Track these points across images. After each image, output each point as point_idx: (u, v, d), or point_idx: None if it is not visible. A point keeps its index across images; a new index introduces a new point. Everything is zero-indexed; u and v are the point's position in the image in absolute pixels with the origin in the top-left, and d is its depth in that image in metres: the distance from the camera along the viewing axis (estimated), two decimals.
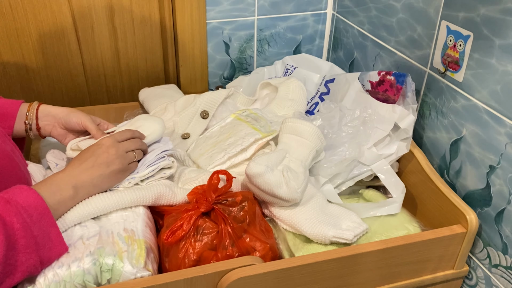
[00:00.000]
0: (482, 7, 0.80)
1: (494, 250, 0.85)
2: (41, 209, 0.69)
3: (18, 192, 0.69)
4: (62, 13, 1.15)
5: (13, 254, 0.65)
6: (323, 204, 0.86)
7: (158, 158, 0.86)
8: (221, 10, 1.21)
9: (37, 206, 0.69)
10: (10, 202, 0.67)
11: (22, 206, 0.67)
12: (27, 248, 0.66)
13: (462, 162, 0.90)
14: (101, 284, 0.70)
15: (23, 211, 0.67)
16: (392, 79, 0.98)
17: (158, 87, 1.21)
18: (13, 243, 0.65)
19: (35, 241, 0.67)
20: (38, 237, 0.67)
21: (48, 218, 0.70)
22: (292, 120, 0.91)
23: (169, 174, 0.87)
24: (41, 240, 0.68)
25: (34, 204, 0.69)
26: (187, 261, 0.75)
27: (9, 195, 0.68)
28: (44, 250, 0.68)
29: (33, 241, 0.66)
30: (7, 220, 0.65)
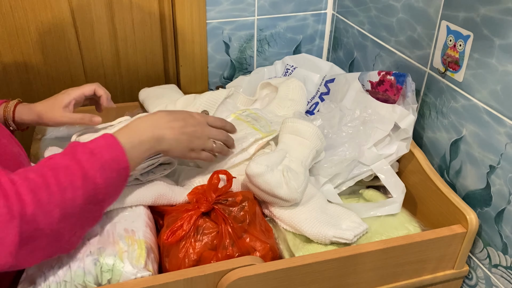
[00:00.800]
0: (482, 7, 0.80)
1: (494, 250, 0.85)
2: (122, 166, 0.70)
3: (104, 145, 0.69)
4: (62, 13, 1.15)
5: (90, 207, 0.67)
6: (323, 204, 0.86)
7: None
8: (221, 10, 1.21)
9: (120, 161, 0.70)
10: (95, 155, 0.67)
11: (107, 160, 0.68)
12: (104, 202, 0.69)
13: (462, 162, 0.90)
14: (102, 284, 0.70)
15: (107, 166, 0.68)
16: (392, 79, 0.98)
17: (158, 87, 1.21)
18: (92, 197, 0.66)
19: (110, 196, 0.70)
20: (114, 192, 0.71)
21: (126, 174, 0.71)
22: (293, 120, 0.91)
23: (170, 170, 0.87)
24: (115, 195, 0.71)
25: (117, 158, 0.70)
26: (187, 261, 0.75)
27: (94, 145, 0.69)
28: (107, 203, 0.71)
29: (107, 195, 0.69)
30: (90, 174, 0.66)
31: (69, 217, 0.64)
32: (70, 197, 0.63)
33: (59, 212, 0.62)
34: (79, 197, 0.64)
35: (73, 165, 0.65)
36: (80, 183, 0.65)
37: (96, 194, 0.67)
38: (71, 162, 0.66)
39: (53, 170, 0.64)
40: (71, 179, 0.64)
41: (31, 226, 0.60)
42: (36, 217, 0.60)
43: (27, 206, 0.60)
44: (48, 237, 0.63)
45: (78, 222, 0.66)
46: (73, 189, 0.64)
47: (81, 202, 0.65)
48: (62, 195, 0.63)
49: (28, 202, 0.60)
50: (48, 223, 0.62)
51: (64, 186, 0.63)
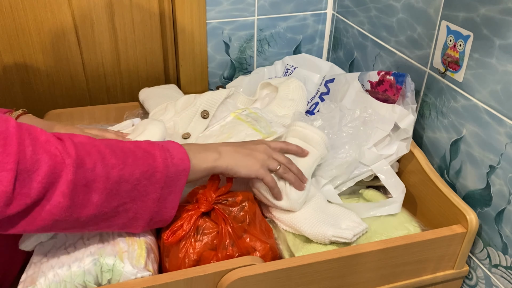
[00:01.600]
0: (482, 7, 0.80)
1: (494, 250, 0.85)
2: (181, 156, 0.72)
3: (172, 144, 0.74)
4: (62, 13, 1.15)
5: (146, 183, 0.68)
6: (322, 204, 0.86)
7: None
8: (221, 10, 1.21)
9: (179, 151, 0.73)
10: (154, 144, 0.72)
11: (166, 147, 0.72)
12: (158, 184, 0.70)
13: (462, 162, 0.90)
14: (102, 284, 0.70)
15: (166, 150, 0.71)
16: (392, 79, 0.98)
17: (158, 87, 1.21)
18: (150, 173, 0.68)
19: (166, 182, 0.70)
20: (169, 178, 0.71)
21: (183, 168, 0.72)
22: (302, 125, 0.90)
23: None
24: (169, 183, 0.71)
25: (177, 148, 0.73)
26: (187, 261, 0.75)
27: (162, 141, 0.74)
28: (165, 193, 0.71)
29: (164, 180, 0.70)
30: (151, 152, 0.70)
31: (125, 182, 0.66)
32: (130, 162, 0.67)
33: (118, 173, 0.65)
34: (139, 166, 0.68)
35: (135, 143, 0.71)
36: (141, 155, 0.69)
37: (155, 172, 0.69)
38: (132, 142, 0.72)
39: (117, 142, 0.70)
40: (133, 150, 0.69)
41: (89, 175, 0.63)
42: (96, 167, 0.63)
43: (91, 155, 0.64)
44: (100, 193, 0.64)
45: (132, 193, 0.68)
46: (134, 157, 0.68)
47: (139, 172, 0.67)
48: (123, 158, 0.67)
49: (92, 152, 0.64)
50: (105, 177, 0.64)
51: (126, 153, 0.68)
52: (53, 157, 0.60)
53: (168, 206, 0.73)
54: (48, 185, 0.59)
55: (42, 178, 0.59)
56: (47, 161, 0.59)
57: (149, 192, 0.69)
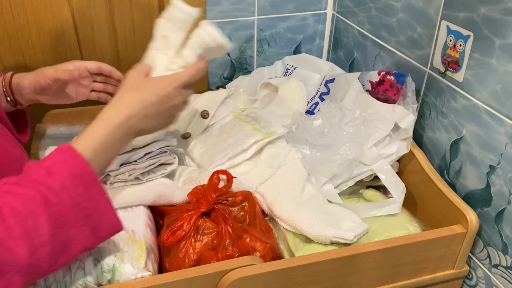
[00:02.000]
0: (482, 7, 0.80)
1: (494, 250, 0.85)
2: (88, 177, 0.62)
3: (62, 160, 0.62)
4: (62, 13, 1.15)
5: (63, 231, 0.59)
6: (323, 204, 0.86)
7: (160, 152, 0.86)
8: (221, 10, 1.21)
9: (84, 174, 0.62)
10: (53, 174, 0.60)
11: (67, 176, 0.60)
12: (77, 223, 0.61)
13: (462, 162, 0.90)
14: (102, 285, 0.70)
15: (68, 182, 0.60)
16: (392, 79, 0.98)
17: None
18: (61, 220, 0.59)
19: (85, 213, 0.61)
20: (87, 208, 0.62)
21: (96, 185, 0.63)
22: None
23: (170, 171, 0.87)
24: (90, 211, 0.62)
25: (80, 172, 0.61)
26: (187, 261, 0.76)
27: (51, 163, 0.61)
28: (94, 221, 0.63)
29: (82, 213, 0.61)
30: (51, 198, 0.59)
31: (42, 247, 0.58)
32: (32, 227, 0.57)
33: (26, 246, 0.56)
34: (44, 223, 0.58)
35: (29, 191, 0.59)
36: (42, 210, 0.58)
37: (65, 216, 0.60)
38: (27, 188, 0.59)
39: (8, 201, 0.58)
40: (30, 207, 0.58)
41: None
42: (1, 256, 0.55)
43: None
44: (20, 274, 0.57)
45: (59, 252, 0.60)
46: (35, 217, 0.57)
47: (48, 229, 0.58)
48: (23, 226, 0.56)
49: None
50: (13, 260, 0.56)
51: (24, 216, 0.57)
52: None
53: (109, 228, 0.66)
54: None
55: None
56: None
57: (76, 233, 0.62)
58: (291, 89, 1.07)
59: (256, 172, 0.90)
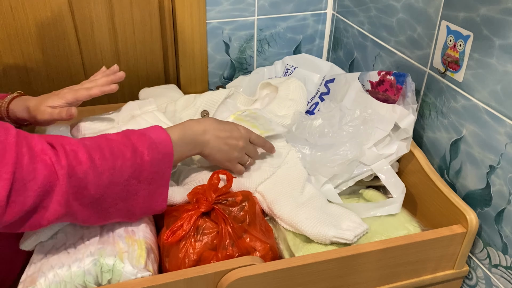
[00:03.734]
0: (482, 7, 0.80)
1: (494, 250, 0.85)
2: (167, 151, 0.74)
3: (154, 130, 0.76)
4: (62, 13, 1.15)
5: (134, 182, 0.70)
6: (323, 204, 0.86)
7: None
8: (221, 10, 1.21)
9: (166, 145, 0.74)
10: (145, 135, 0.73)
11: (155, 141, 0.73)
12: (146, 181, 0.72)
13: (462, 162, 0.90)
14: (102, 284, 0.70)
15: (154, 146, 0.72)
16: (392, 79, 0.98)
17: (158, 87, 1.21)
18: (138, 172, 0.70)
19: (153, 177, 0.73)
20: (157, 173, 0.73)
21: (168, 163, 0.74)
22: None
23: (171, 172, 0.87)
24: (156, 178, 0.73)
25: (164, 142, 0.74)
26: (187, 261, 0.75)
27: (144, 130, 0.75)
28: (150, 192, 0.73)
29: (151, 176, 0.72)
30: (139, 150, 0.71)
31: (115, 185, 0.68)
32: (119, 166, 0.68)
33: (108, 178, 0.67)
34: (127, 168, 0.69)
35: (125, 140, 0.71)
36: (130, 155, 0.70)
37: (142, 171, 0.71)
38: (123, 138, 0.72)
39: (107, 141, 0.70)
40: (123, 150, 0.70)
41: (80, 183, 0.65)
42: (87, 175, 0.65)
43: (82, 164, 0.65)
44: (91, 198, 0.67)
45: (122, 194, 0.70)
46: (123, 159, 0.69)
47: (128, 173, 0.69)
48: (113, 162, 0.68)
49: (83, 160, 0.65)
50: (96, 184, 0.66)
51: (116, 155, 0.68)
52: (48, 167, 0.62)
53: (158, 199, 0.76)
54: (43, 195, 0.62)
55: (37, 188, 0.61)
56: (43, 171, 0.61)
57: (139, 190, 0.72)
58: (291, 89, 1.07)
59: (255, 171, 0.90)
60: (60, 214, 0.64)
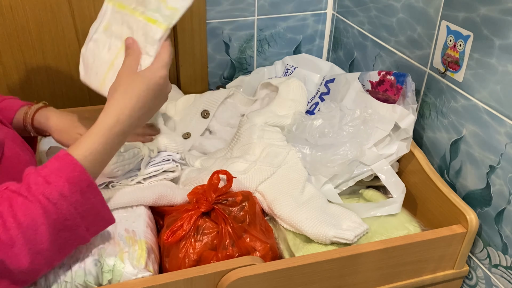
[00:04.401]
0: (482, 7, 0.80)
1: (494, 250, 0.85)
2: (84, 184, 0.64)
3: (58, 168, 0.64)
4: (62, 13, 1.15)
5: (60, 235, 0.63)
6: (323, 204, 0.86)
7: (163, 160, 0.86)
8: (221, 10, 1.21)
9: (80, 181, 0.64)
10: (51, 184, 0.62)
11: (64, 185, 0.63)
12: (73, 226, 0.64)
13: (462, 162, 0.90)
14: (102, 285, 0.70)
15: (66, 191, 0.62)
16: (392, 79, 0.98)
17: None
18: (59, 227, 0.63)
19: (81, 216, 0.65)
20: (83, 211, 0.65)
21: (92, 190, 0.65)
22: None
23: (172, 177, 0.88)
24: (86, 213, 0.65)
25: (76, 180, 0.64)
26: (187, 261, 0.76)
27: (48, 171, 0.64)
28: (89, 220, 0.66)
29: (79, 216, 0.64)
30: (49, 208, 0.62)
31: (41, 253, 0.62)
32: (33, 236, 0.61)
33: (28, 254, 0.60)
34: (44, 232, 0.61)
35: (29, 201, 0.61)
36: (42, 220, 0.61)
37: (62, 223, 0.63)
38: (27, 199, 0.62)
39: (10, 210, 0.61)
40: (31, 217, 0.61)
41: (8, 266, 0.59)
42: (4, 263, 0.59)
43: None
44: (24, 275, 0.62)
45: (56, 253, 0.64)
46: (35, 227, 0.61)
47: (47, 237, 0.62)
48: (25, 236, 0.60)
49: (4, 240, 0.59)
50: (15, 267, 0.60)
51: (25, 226, 0.60)
52: None
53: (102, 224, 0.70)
54: None
55: None
56: None
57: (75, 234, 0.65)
58: (291, 89, 1.07)
59: (255, 171, 0.90)
60: None
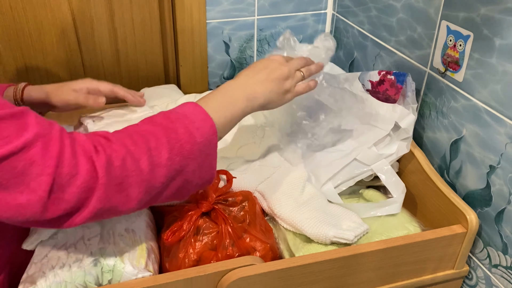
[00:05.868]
0: (482, 7, 0.80)
1: (494, 250, 0.85)
2: (203, 117, 0.69)
3: (183, 105, 0.71)
4: (62, 13, 1.15)
5: (178, 160, 0.65)
6: (323, 204, 0.86)
7: None
8: (221, 10, 1.21)
9: (200, 113, 0.69)
10: (173, 111, 0.69)
11: (186, 114, 0.68)
12: (191, 154, 0.67)
13: (462, 162, 0.90)
14: (102, 285, 0.70)
15: (186, 118, 0.68)
16: (393, 79, 0.98)
17: (158, 87, 1.21)
18: (178, 149, 0.65)
19: (199, 148, 0.67)
20: (200, 143, 0.67)
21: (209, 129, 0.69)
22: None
23: None
24: (203, 148, 0.68)
25: (196, 111, 0.69)
26: (187, 261, 0.76)
27: (173, 109, 0.70)
28: (203, 158, 0.68)
29: (196, 148, 0.67)
30: (170, 126, 0.66)
31: (158, 167, 0.64)
32: (154, 146, 0.64)
33: (147, 160, 0.63)
34: (164, 147, 0.65)
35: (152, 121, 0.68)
36: (162, 134, 0.65)
37: (182, 146, 0.66)
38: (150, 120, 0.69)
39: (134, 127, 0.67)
40: (153, 131, 0.66)
41: (122, 172, 0.61)
42: (125, 163, 0.62)
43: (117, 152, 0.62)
44: (139, 186, 0.63)
45: (169, 174, 0.65)
46: (156, 139, 0.65)
47: (166, 152, 0.65)
48: (146, 144, 0.64)
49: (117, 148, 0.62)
50: (136, 169, 0.62)
51: (147, 137, 0.65)
52: (89, 161, 0.60)
53: (207, 169, 0.71)
54: (86, 191, 0.59)
55: (80, 183, 0.58)
56: (85, 165, 0.59)
57: (186, 165, 0.67)
58: None
59: (256, 171, 0.90)
60: (98, 210, 0.61)
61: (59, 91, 0.90)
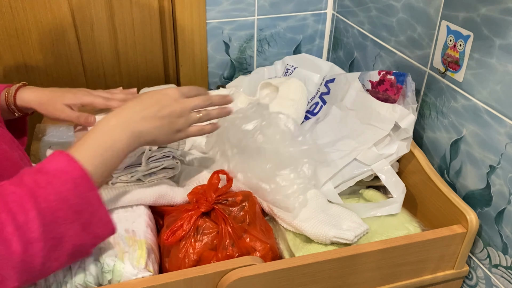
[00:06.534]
0: (482, 7, 0.80)
1: (494, 250, 0.85)
2: (77, 173, 0.62)
3: (50, 159, 0.63)
4: (62, 13, 1.15)
5: (53, 227, 0.59)
6: (323, 204, 0.86)
7: (163, 156, 0.86)
8: (221, 10, 1.21)
9: (72, 170, 0.62)
10: (40, 171, 0.61)
11: (53, 171, 0.61)
12: (67, 219, 0.60)
13: (462, 162, 0.90)
14: (102, 285, 0.70)
15: (55, 178, 0.61)
16: (393, 79, 0.98)
17: (158, 87, 1.21)
18: (50, 216, 0.59)
19: (74, 210, 0.61)
20: (76, 205, 0.61)
21: (86, 182, 0.62)
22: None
23: (172, 175, 0.87)
24: (80, 208, 0.61)
25: (67, 169, 0.62)
26: (187, 261, 0.76)
27: (41, 163, 0.63)
28: (85, 217, 0.62)
29: (71, 210, 0.61)
30: (39, 193, 0.59)
31: (32, 243, 0.58)
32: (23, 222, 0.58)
33: (18, 240, 0.57)
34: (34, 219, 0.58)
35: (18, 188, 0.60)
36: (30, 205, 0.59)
37: (54, 213, 0.60)
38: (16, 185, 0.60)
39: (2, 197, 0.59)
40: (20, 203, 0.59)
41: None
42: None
43: None
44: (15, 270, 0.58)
45: (46, 246, 0.59)
46: (25, 212, 0.58)
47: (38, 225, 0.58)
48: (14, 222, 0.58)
49: None
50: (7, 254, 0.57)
51: (14, 212, 0.58)
52: None
53: (98, 225, 0.65)
54: None
55: None
56: None
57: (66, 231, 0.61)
58: (291, 89, 1.07)
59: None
60: None
61: (50, 105, 0.86)
